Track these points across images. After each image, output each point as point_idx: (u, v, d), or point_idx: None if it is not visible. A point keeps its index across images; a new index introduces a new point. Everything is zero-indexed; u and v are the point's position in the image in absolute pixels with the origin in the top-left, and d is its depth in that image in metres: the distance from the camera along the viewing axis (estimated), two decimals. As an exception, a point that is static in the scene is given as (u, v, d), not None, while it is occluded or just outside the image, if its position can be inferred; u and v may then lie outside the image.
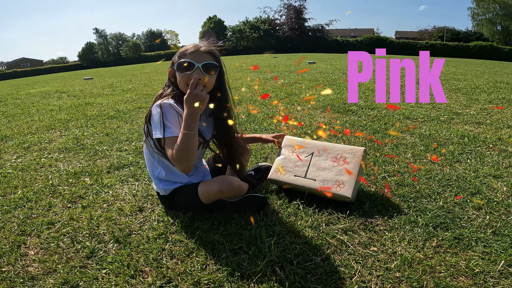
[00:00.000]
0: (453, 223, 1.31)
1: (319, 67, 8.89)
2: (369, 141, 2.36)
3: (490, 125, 2.79)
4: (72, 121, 3.47)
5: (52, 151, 2.44)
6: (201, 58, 1.27)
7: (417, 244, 1.19)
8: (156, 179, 1.40)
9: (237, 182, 1.32)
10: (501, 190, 1.59)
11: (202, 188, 1.33)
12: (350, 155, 1.50)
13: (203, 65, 1.26)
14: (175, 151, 1.19)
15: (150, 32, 47.16)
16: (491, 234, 1.24)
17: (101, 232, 1.33)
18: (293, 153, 1.60)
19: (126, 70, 14.50)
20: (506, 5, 32.90)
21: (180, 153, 1.18)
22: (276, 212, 1.41)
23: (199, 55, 1.28)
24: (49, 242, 1.28)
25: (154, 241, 1.25)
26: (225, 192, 1.30)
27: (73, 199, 1.63)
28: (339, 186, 1.43)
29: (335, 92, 4.45)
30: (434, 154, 2.08)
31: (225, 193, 1.31)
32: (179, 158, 1.18)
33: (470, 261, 1.09)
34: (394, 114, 3.17)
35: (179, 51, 1.35)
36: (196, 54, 1.28)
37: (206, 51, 1.30)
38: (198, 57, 1.28)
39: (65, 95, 5.97)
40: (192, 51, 1.29)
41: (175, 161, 1.20)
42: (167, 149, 1.23)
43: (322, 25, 34.49)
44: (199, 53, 1.28)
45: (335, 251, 1.16)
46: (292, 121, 2.91)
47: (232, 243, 1.20)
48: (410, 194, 1.55)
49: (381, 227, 1.30)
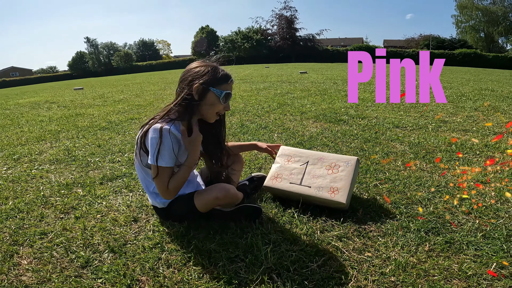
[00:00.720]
0: (444, 228, 1.35)
1: (311, 77, 9.04)
2: (360, 149, 2.41)
3: (477, 132, 2.88)
4: (62, 132, 3.43)
5: (43, 162, 2.41)
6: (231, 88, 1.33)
7: (410, 248, 1.22)
8: (152, 194, 1.39)
9: (233, 189, 1.34)
10: (489, 195, 1.64)
11: (198, 197, 1.34)
12: (343, 163, 1.54)
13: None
14: (173, 183, 1.24)
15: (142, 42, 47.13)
16: (482, 238, 1.28)
17: (96, 242, 1.32)
18: (289, 162, 1.64)
19: (117, 80, 14.45)
20: (488, 11, 33.70)
21: (177, 186, 1.25)
22: (272, 221, 1.42)
23: (231, 85, 1.32)
24: (42, 252, 1.27)
25: (150, 251, 1.25)
26: (221, 199, 1.31)
27: (65, 210, 1.62)
28: (334, 193, 1.45)
29: (327, 102, 4.52)
30: (423, 161, 2.13)
31: (221, 200, 1.32)
32: (174, 190, 1.25)
33: (462, 264, 1.12)
34: (384, 123, 3.25)
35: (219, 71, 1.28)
36: (231, 83, 1.32)
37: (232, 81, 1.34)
38: (231, 87, 1.32)
39: (55, 105, 5.91)
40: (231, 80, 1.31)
41: (167, 192, 1.25)
42: (154, 177, 1.24)
43: (313, 35, 35.09)
44: (232, 83, 1.32)
45: (331, 257, 1.18)
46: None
47: (229, 251, 1.20)
48: (401, 200, 1.58)
49: (374, 233, 1.33)
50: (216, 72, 1.27)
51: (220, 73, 1.28)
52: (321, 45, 34.86)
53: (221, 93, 1.27)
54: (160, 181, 1.24)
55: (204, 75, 1.25)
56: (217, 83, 1.26)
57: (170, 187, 1.25)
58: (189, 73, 1.28)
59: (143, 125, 1.30)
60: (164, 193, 1.26)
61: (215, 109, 1.29)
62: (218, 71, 1.28)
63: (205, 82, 1.24)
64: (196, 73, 1.26)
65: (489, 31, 34.41)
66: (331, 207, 1.48)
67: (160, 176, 1.23)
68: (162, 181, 1.24)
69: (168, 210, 1.39)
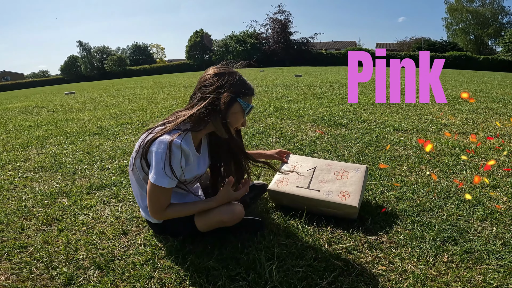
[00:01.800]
0: (461, 237, 1.25)
1: (306, 80, 9.00)
2: (362, 154, 2.32)
3: (477, 134, 2.82)
4: (50, 138, 3.27)
5: (27, 170, 2.26)
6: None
7: (427, 260, 1.12)
8: (145, 209, 1.25)
9: (238, 209, 1.19)
10: (501, 201, 1.55)
11: (201, 218, 1.20)
12: (353, 171, 1.46)
13: None
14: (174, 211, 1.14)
15: (136, 46, 46.72)
16: (501, 246, 1.20)
17: (80, 257, 1.19)
18: (295, 167, 1.54)
19: (110, 85, 14.24)
20: (478, 14, 34.20)
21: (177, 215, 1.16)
22: (274, 233, 1.30)
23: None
24: (21, 267, 1.15)
25: (141, 268, 1.12)
26: (227, 222, 1.18)
27: (48, 222, 1.49)
28: (344, 197, 1.36)
29: (324, 105, 4.44)
30: (428, 166, 2.05)
31: (227, 223, 1.18)
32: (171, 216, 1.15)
33: (486, 275, 1.04)
34: (384, 126, 3.17)
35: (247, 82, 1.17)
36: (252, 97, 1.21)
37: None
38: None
39: (44, 110, 5.73)
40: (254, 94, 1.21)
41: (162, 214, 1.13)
42: (150, 194, 1.09)
43: (306, 38, 35.20)
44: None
45: (342, 272, 1.07)
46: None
47: (229, 268, 1.08)
48: (411, 208, 1.49)
49: (387, 244, 1.22)
50: (245, 83, 1.16)
51: (247, 84, 1.17)
52: (315, 49, 35.01)
53: (247, 106, 1.15)
54: (157, 201, 1.09)
55: (234, 84, 1.12)
56: (245, 94, 1.15)
57: (169, 212, 1.13)
58: (215, 78, 1.13)
59: (149, 129, 1.14)
60: (157, 214, 1.12)
61: (237, 122, 1.16)
62: (247, 82, 1.17)
63: (234, 92, 1.12)
64: (224, 79, 1.12)
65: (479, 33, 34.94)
66: (339, 215, 1.38)
67: (158, 197, 1.08)
68: (160, 202, 1.09)
69: (163, 226, 1.26)
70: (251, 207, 1.54)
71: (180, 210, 1.15)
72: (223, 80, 1.12)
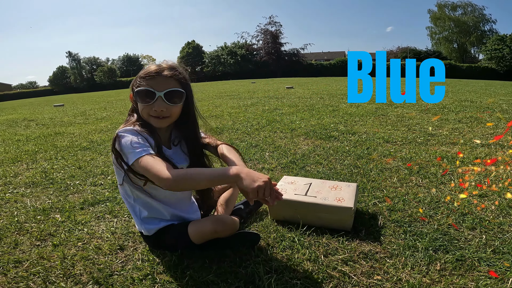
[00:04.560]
0: (452, 245, 1.30)
1: (297, 92, 9.15)
2: (354, 167, 2.37)
3: (464, 144, 2.92)
4: (40, 152, 3.22)
5: (18, 185, 2.22)
6: (163, 85, 1.11)
7: (421, 269, 1.16)
8: (138, 219, 1.26)
9: (230, 220, 1.24)
10: (490, 209, 1.61)
11: (194, 229, 1.22)
12: (345, 186, 1.60)
13: (166, 93, 1.11)
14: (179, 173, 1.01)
15: (127, 57, 46.52)
16: (492, 253, 1.24)
17: (77, 272, 1.19)
18: (292, 183, 1.65)
19: (100, 97, 14.14)
20: (460, 22, 35.21)
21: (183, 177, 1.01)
22: (271, 246, 1.32)
23: (162, 81, 1.11)
24: (17, 281, 1.15)
25: (140, 283, 1.12)
26: (220, 232, 1.20)
27: (42, 237, 1.47)
28: (340, 201, 1.45)
29: (315, 118, 4.53)
30: (418, 177, 2.11)
31: (220, 233, 1.21)
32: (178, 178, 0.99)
33: (478, 282, 1.08)
34: (374, 138, 3.25)
35: (140, 72, 1.17)
36: (158, 79, 1.11)
37: (170, 75, 1.12)
38: (160, 83, 1.11)
39: (33, 123, 5.64)
40: (153, 75, 1.11)
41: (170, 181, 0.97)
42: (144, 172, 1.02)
43: (297, 49, 35.86)
44: (162, 78, 1.11)
45: (338, 283, 1.09)
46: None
47: (228, 282, 1.09)
48: (403, 218, 1.53)
49: (381, 254, 1.26)
50: (142, 74, 1.15)
51: (140, 75, 1.16)
52: (305, 60, 35.61)
53: (136, 93, 1.15)
54: (155, 172, 0.99)
55: (134, 81, 1.17)
56: (138, 83, 1.14)
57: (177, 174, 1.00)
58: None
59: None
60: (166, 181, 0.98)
61: (143, 112, 1.16)
62: (145, 72, 1.15)
63: (133, 86, 1.17)
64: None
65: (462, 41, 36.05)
66: (335, 223, 1.43)
67: (151, 167, 1.00)
68: (156, 169, 0.99)
69: (157, 239, 1.26)
70: (247, 221, 1.56)
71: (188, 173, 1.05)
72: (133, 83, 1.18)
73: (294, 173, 2.26)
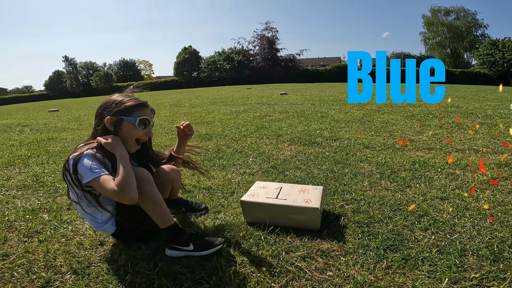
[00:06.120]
0: (402, 245, 1.42)
1: (290, 98, 9.31)
2: (331, 171, 2.50)
3: (440, 150, 3.07)
4: (32, 157, 3.33)
5: (10, 188, 2.33)
6: (150, 114, 1.38)
7: (369, 266, 1.28)
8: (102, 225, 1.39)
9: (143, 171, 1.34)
10: (447, 211, 1.75)
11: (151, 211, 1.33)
12: (312, 188, 1.75)
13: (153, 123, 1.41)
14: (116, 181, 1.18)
15: (123, 62, 46.72)
16: (436, 253, 1.35)
17: (58, 264, 1.32)
18: (264, 188, 1.80)
19: (95, 102, 14.20)
20: (453, 27, 35.62)
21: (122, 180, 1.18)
22: (239, 244, 1.45)
23: (149, 111, 1.38)
24: (3, 272, 1.28)
25: (115, 273, 1.24)
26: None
27: (29, 234, 1.60)
28: (307, 202, 1.58)
29: (303, 124, 4.67)
30: (388, 181, 2.25)
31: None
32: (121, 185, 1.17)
33: (416, 281, 1.19)
34: (355, 144, 3.39)
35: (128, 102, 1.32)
36: (147, 109, 1.37)
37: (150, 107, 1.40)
38: (149, 113, 1.37)
39: (27, 128, 5.74)
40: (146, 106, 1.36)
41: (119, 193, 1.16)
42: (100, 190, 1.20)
43: (293, 55, 36.11)
44: (149, 109, 1.38)
45: (293, 277, 1.22)
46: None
47: (194, 273, 1.22)
48: (364, 220, 1.66)
49: (337, 252, 1.38)
50: (127, 102, 1.32)
51: (131, 103, 1.32)
52: (301, 65, 35.84)
53: (135, 120, 1.31)
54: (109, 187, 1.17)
55: (116, 108, 1.30)
56: (131, 111, 1.31)
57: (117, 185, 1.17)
58: (102, 106, 1.33)
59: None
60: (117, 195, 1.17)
61: (133, 136, 1.33)
62: (129, 100, 1.32)
63: (116, 113, 1.30)
64: (107, 105, 1.32)
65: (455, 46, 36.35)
66: (304, 224, 1.55)
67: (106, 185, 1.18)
68: (110, 185, 1.18)
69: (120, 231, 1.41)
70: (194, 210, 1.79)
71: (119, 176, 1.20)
72: (106, 106, 1.32)
73: (272, 178, 2.39)
